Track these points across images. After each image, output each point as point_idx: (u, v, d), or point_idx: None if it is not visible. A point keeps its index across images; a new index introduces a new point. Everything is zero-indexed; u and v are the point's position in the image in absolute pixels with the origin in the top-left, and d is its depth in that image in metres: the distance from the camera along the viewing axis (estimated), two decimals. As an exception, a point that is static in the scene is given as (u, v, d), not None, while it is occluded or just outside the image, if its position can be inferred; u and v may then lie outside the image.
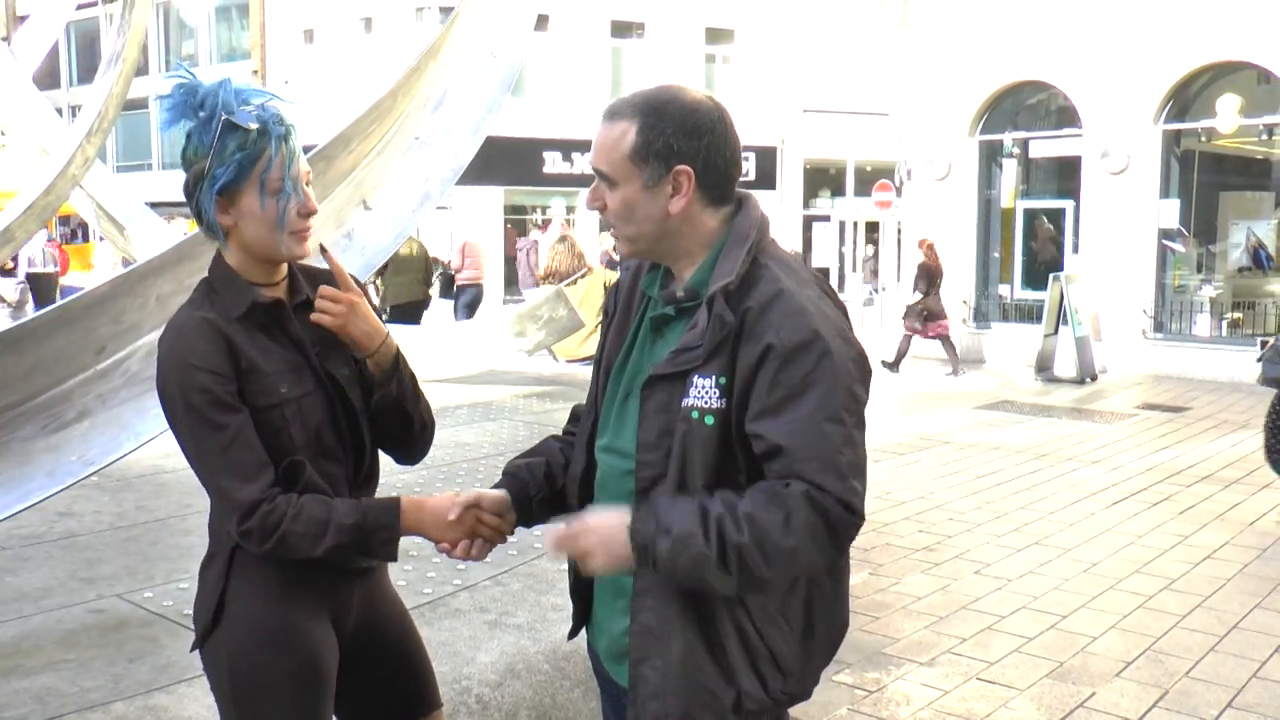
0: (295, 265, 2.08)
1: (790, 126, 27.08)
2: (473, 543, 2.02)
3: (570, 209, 26.11)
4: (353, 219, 4.96)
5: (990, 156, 16.02)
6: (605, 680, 2.04)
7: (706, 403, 1.75)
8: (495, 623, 4.05)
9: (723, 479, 1.77)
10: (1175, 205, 14.38)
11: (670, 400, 1.78)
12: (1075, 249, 15.01)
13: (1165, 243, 14.39)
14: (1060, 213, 15.39)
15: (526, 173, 24.89)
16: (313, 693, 2.01)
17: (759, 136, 25.83)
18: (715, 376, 1.75)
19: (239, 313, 1.96)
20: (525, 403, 8.76)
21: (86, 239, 25.31)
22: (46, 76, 27.47)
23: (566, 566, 2.01)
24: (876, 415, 10.53)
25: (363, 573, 2.13)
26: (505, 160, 22.34)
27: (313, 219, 2.01)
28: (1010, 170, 16.00)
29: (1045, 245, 15.53)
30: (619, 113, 1.83)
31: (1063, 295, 13.43)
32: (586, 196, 1.93)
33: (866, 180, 23.38)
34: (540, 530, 1.98)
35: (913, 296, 14.02)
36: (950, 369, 13.74)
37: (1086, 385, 13.08)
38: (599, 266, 12.29)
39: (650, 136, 1.79)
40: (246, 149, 1.91)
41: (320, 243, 2.02)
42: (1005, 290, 15.94)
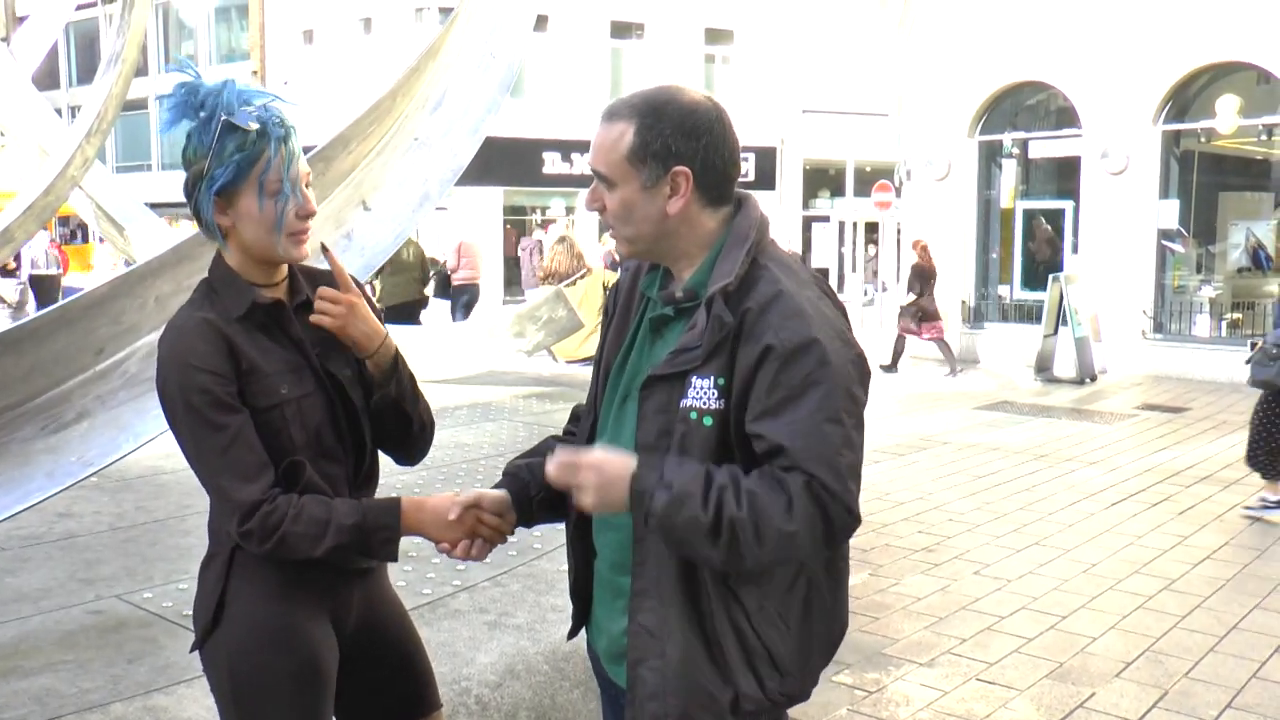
0: (295, 266, 2.08)
1: (790, 127, 27.09)
2: (473, 543, 2.02)
3: (570, 209, 26.11)
4: (352, 220, 4.96)
5: (990, 157, 16.02)
6: (605, 681, 2.04)
7: (705, 404, 1.75)
8: (495, 623, 4.05)
9: None
10: (1175, 206, 14.38)
11: (669, 401, 1.78)
12: (1075, 249, 15.01)
13: (1165, 243, 14.39)
14: (1060, 213, 15.39)
15: (526, 173, 24.90)
16: (313, 693, 2.01)
17: (758, 137, 25.85)
18: (714, 377, 1.75)
19: (239, 313, 1.96)
20: (525, 403, 8.76)
21: (86, 240, 25.33)
22: (46, 77, 27.47)
23: (567, 567, 2.00)
24: (875, 416, 10.52)
25: (363, 573, 2.13)
26: (505, 161, 22.36)
27: (312, 220, 2.01)
28: (1010, 171, 16.00)
29: (1041, 246, 15.53)
30: (617, 114, 1.83)
31: (1062, 296, 13.43)
32: (586, 197, 1.93)
33: (866, 181, 23.42)
34: (541, 530, 1.98)
35: (906, 297, 14.08)
36: (948, 370, 13.74)
37: (1086, 386, 13.08)
38: (598, 267, 12.30)
39: (648, 137, 1.79)
40: (245, 150, 1.91)
41: (322, 242, 2.02)
42: (1005, 291, 15.95)
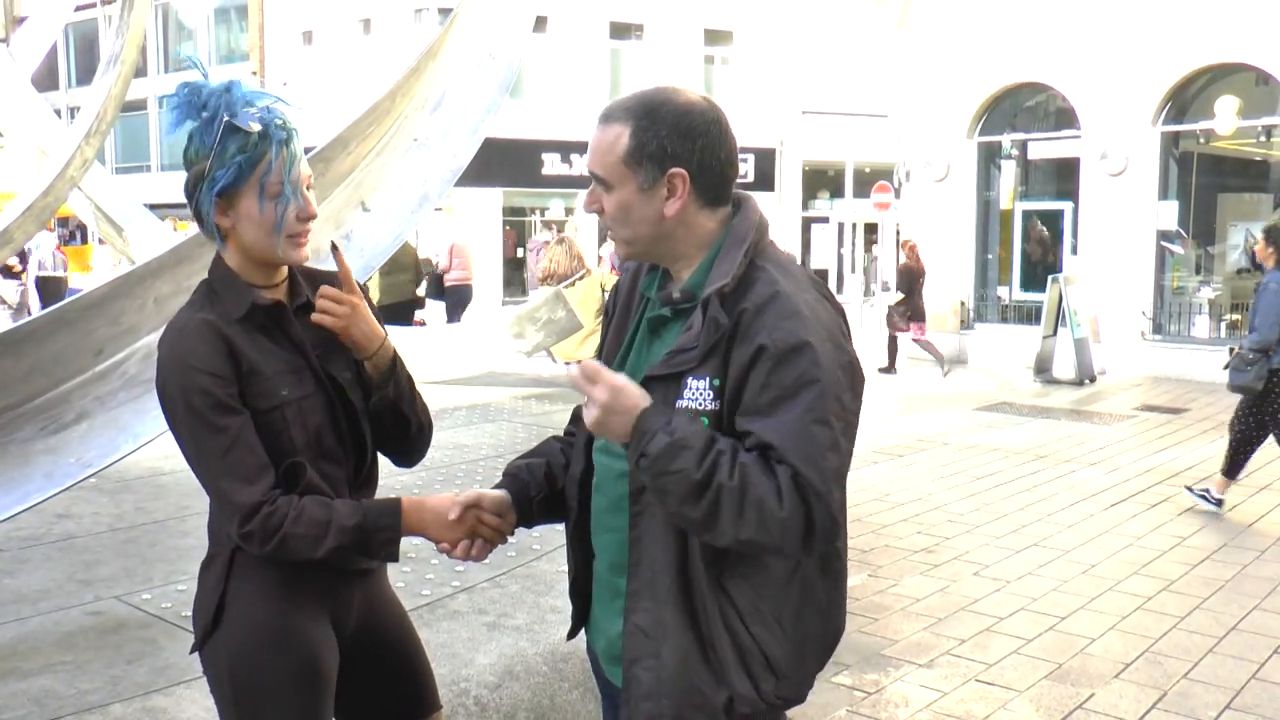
0: (295, 267, 2.08)
1: (789, 128, 27.10)
2: (473, 543, 2.02)
3: (569, 210, 26.13)
4: (351, 221, 4.95)
5: (989, 158, 16.03)
6: (604, 682, 2.04)
7: (700, 405, 1.76)
8: (494, 624, 4.05)
9: None
10: (1174, 207, 14.39)
11: (665, 401, 1.78)
12: (1074, 250, 15.02)
13: (1164, 244, 14.40)
14: (1059, 214, 15.40)
15: (525, 174, 24.90)
16: (313, 694, 2.01)
17: (758, 138, 25.86)
18: (709, 378, 1.75)
19: (239, 314, 1.96)
20: (524, 404, 8.77)
21: (85, 241, 25.30)
22: (45, 78, 27.47)
23: (565, 568, 2.00)
24: (875, 417, 10.53)
25: (363, 574, 2.13)
26: (504, 162, 22.35)
27: (311, 222, 2.02)
28: (1009, 172, 16.01)
29: (1034, 248, 15.55)
30: (613, 116, 1.83)
31: (1061, 297, 13.44)
32: (584, 199, 1.93)
33: (865, 182, 23.39)
34: (539, 531, 1.98)
35: (895, 297, 14.18)
36: (943, 369, 13.84)
37: (1085, 387, 13.09)
38: (598, 268, 12.30)
39: (644, 139, 1.79)
40: (247, 152, 1.90)
41: (333, 240, 2.02)
42: (1004, 292, 15.95)
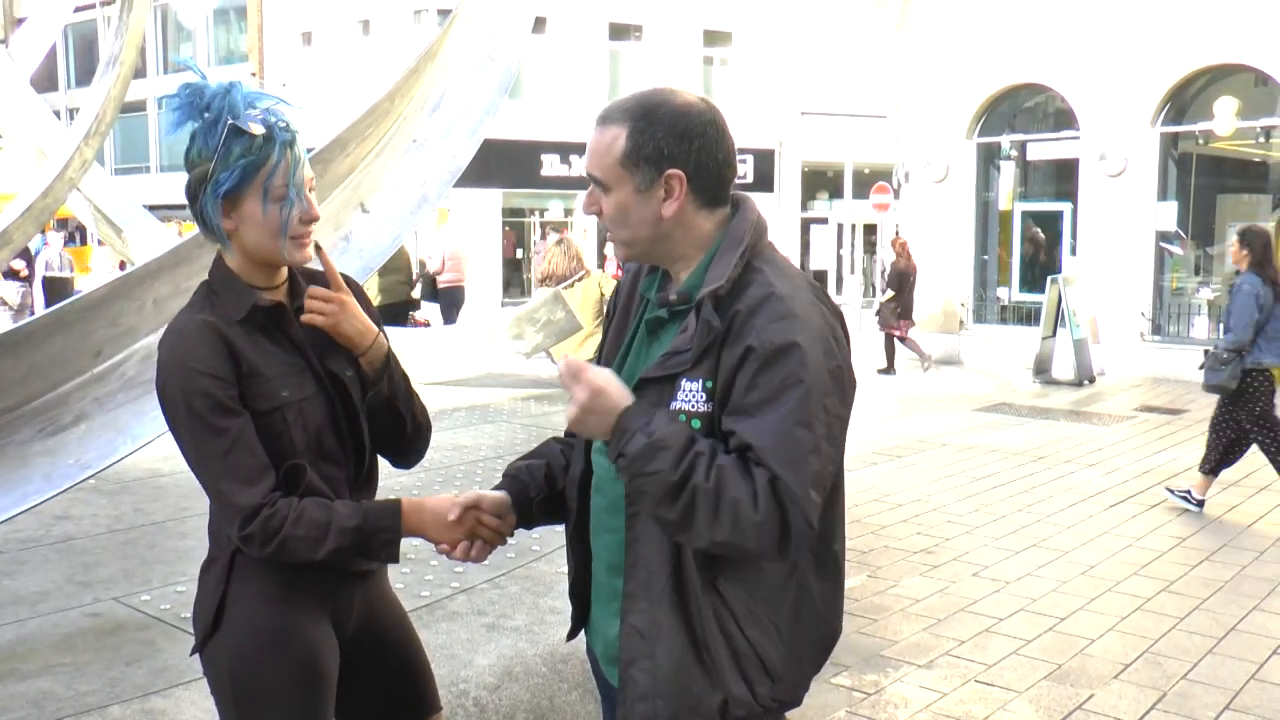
0: (295, 268, 2.08)
1: (788, 129, 27.11)
2: (472, 544, 2.02)
3: (568, 211, 26.14)
4: (350, 222, 4.95)
5: (988, 159, 16.03)
6: (603, 683, 2.04)
7: (693, 406, 1.76)
8: (493, 625, 4.05)
9: None
10: (1173, 208, 14.39)
11: (659, 403, 1.78)
12: (1073, 251, 15.02)
13: (1163, 245, 14.40)
14: (1058, 215, 15.40)
15: (524, 175, 24.91)
16: (313, 696, 2.01)
17: (757, 139, 25.88)
18: (702, 380, 1.75)
19: (239, 316, 1.96)
20: (523, 405, 8.77)
21: (84, 242, 25.29)
22: (44, 79, 27.47)
23: (565, 569, 2.00)
24: (874, 417, 10.53)
25: (363, 575, 2.13)
26: (503, 163, 22.36)
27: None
28: (1008, 173, 16.01)
29: (1029, 247, 15.55)
30: (610, 118, 1.83)
31: (1061, 297, 13.45)
32: (583, 201, 1.94)
33: (864, 183, 23.42)
34: (539, 533, 1.98)
35: (886, 295, 14.26)
36: (922, 366, 14.09)
37: (1084, 388, 13.09)
38: (596, 270, 12.30)
39: (640, 141, 1.79)
40: (251, 155, 1.90)
41: (315, 242, 2.02)
42: (1003, 293, 15.96)
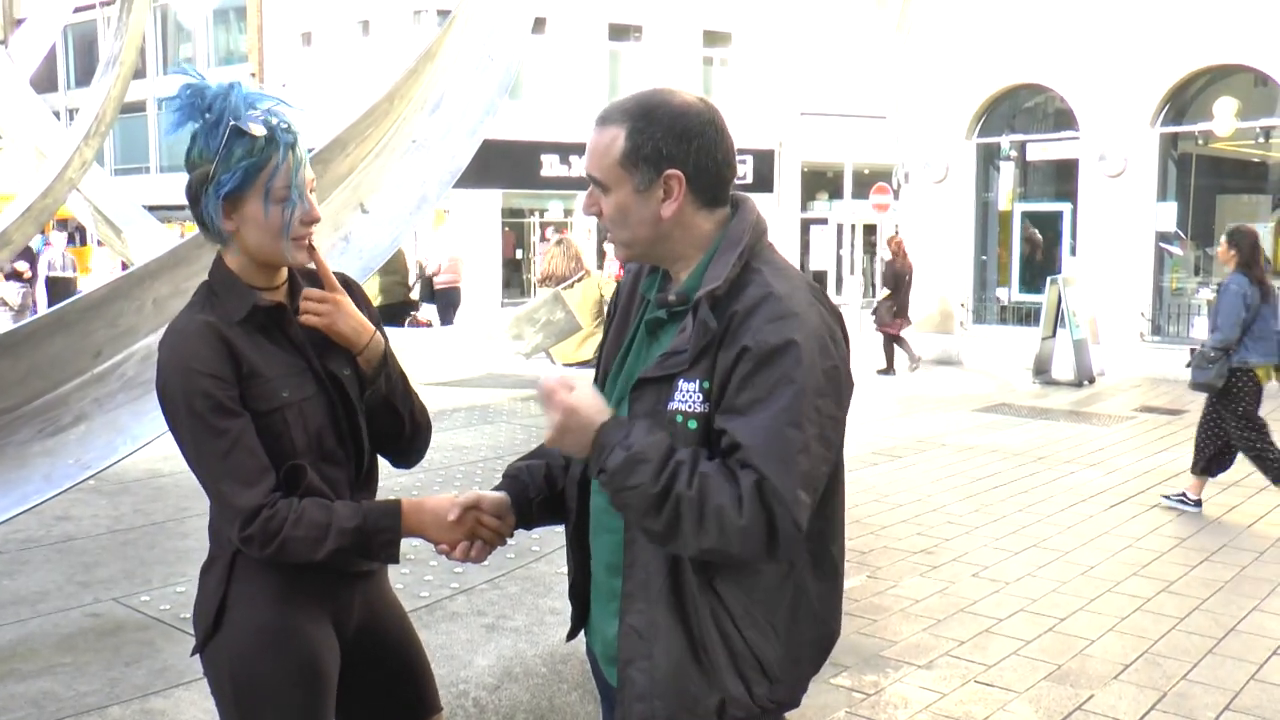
0: (295, 268, 2.08)
1: (788, 129, 27.10)
2: (472, 545, 2.02)
3: (568, 211, 26.13)
4: (350, 222, 4.95)
5: (988, 159, 16.04)
6: (602, 683, 2.04)
7: (690, 407, 1.76)
8: (492, 626, 4.05)
9: None
10: (1172, 208, 14.40)
11: (657, 404, 1.78)
12: (1073, 252, 15.03)
13: (1162, 245, 14.41)
14: (1058, 215, 15.41)
15: (524, 175, 24.90)
16: (314, 696, 2.01)
17: (756, 139, 25.86)
18: (699, 381, 1.75)
19: (240, 316, 1.96)
20: (523, 406, 8.76)
21: (84, 242, 25.29)
22: (44, 79, 27.47)
23: (564, 570, 2.00)
24: (873, 418, 10.54)
25: (363, 576, 2.13)
26: (503, 163, 22.35)
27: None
28: (1008, 173, 16.02)
29: (1027, 247, 15.56)
30: (609, 118, 1.83)
31: (1060, 298, 13.45)
32: (583, 202, 1.94)
33: (864, 183, 23.42)
34: (538, 533, 1.98)
35: (881, 292, 14.31)
36: (909, 364, 14.18)
37: (1084, 388, 13.09)
38: (596, 270, 12.31)
39: (639, 141, 1.79)
40: (253, 156, 1.90)
41: (308, 242, 2.02)
42: (1003, 293, 15.96)
